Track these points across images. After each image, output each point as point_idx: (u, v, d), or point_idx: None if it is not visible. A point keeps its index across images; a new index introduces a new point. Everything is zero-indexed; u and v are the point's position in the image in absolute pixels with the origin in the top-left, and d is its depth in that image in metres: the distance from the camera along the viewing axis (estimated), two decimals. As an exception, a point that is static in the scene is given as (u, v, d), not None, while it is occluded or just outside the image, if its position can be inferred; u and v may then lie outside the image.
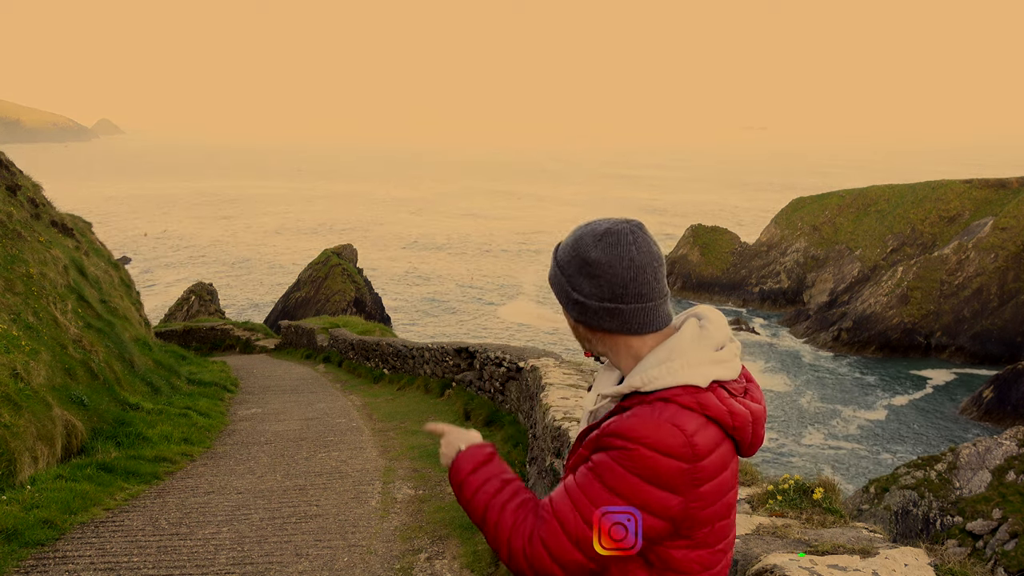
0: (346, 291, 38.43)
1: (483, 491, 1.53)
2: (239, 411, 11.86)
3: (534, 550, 1.42)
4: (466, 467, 1.58)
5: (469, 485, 1.55)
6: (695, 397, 1.43)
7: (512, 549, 1.44)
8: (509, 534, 1.45)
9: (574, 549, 1.40)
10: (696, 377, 1.45)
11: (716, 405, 1.45)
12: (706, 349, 1.50)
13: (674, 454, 1.37)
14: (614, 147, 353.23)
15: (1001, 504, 13.98)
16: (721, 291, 52.03)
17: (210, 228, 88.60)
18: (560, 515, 1.41)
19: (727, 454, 1.47)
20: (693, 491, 1.40)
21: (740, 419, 1.47)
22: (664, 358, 1.48)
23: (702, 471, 1.40)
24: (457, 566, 5.08)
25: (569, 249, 1.54)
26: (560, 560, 1.40)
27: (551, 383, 6.52)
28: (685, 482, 1.38)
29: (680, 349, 1.48)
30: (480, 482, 1.54)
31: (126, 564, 4.95)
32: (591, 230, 1.53)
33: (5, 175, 12.32)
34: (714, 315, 1.57)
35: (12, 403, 6.51)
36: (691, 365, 1.46)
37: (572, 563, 1.41)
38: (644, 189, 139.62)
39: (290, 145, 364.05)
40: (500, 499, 1.51)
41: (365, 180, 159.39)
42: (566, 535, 1.40)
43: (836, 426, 30.71)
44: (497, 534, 1.47)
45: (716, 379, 1.48)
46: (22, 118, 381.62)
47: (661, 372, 1.45)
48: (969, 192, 46.54)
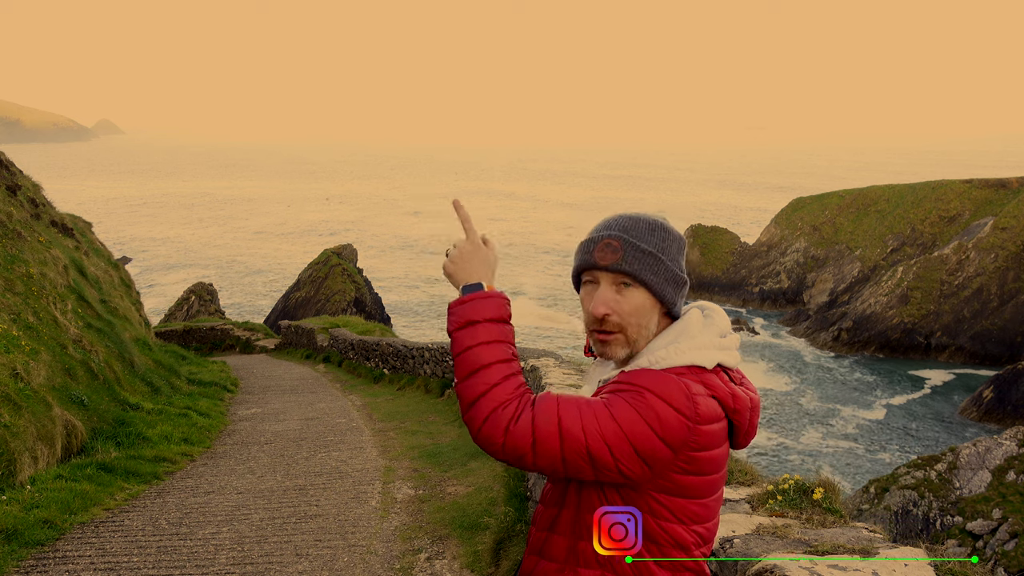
0: (346, 291, 38.41)
1: (493, 348, 1.45)
2: (239, 411, 11.86)
3: (520, 423, 1.38)
4: (488, 310, 1.48)
5: (483, 331, 1.46)
6: (699, 376, 1.49)
7: (496, 416, 1.39)
8: (501, 402, 1.40)
9: (557, 438, 1.38)
10: (702, 358, 1.50)
11: (719, 385, 1.50)
12: (711, 335, 1.55)
13: (678, 407, 1.40)
14: (614, 147, 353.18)
15: (1001, 504, 13.98)
16: (721, 291, 52.01)
17: (210, 228, 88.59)
18: (563, 407, 1.40)
19: (724, 433, 1.51)
20: (686, 451, 1.42)
21: (741, 402, 1.52)
22: (672, 339, 1.53)
23: (700, 434, 1.43)
24: (457, 566, 5.08)
25: (663, 232, 1.57)
26: (539, 440, 1.38)
27: (551, 383, 6.52)
28: (682, 438, 1.41)
29: (688, 332, 1.54)
30: (494, 336, 1.46)
31: (126, 564, 4.95)
32: (662, 217, 1.61)
33: (5, 175, 12.32)
34: (717, 308, 1.62)
35: (12, 403, 6.50)
36: (698, 348, 1.51)
37: (547, 448, 1.39)
38: (644, 189, 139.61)
39: (290, 144, 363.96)
40: (507, 368, 1.45)
41: (365, 180, 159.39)
42: (559, 423, 1.38)
43: (836, 426, 30.70)
44: (489, 395, 1.41)
45: (720, 363, 1.54)
46: (22, 118, 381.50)
47: (669, 352, 1.51)
48: (969, 192, 46.53)
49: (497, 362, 1.44)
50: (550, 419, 1.39)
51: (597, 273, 1.56)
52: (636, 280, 1.53)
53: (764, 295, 51.13)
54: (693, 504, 1.48)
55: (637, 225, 1.56)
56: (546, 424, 1.38)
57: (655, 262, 1.53)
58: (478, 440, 1.42)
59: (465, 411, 1.43)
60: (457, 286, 1.55)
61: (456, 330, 1.48)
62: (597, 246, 1.55)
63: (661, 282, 1.54)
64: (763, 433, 29.01)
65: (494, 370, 1.43)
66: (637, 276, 1.52)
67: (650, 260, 1.53)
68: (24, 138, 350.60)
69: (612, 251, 1.53)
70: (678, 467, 1.43)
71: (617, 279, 1.54)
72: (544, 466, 1.41)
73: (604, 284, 1.55)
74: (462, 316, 1.48)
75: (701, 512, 1.50)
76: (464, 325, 1.47)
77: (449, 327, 1.49)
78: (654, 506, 1.46)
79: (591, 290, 1.58)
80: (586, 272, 1.59)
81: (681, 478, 1.45)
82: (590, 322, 1.58)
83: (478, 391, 1.42)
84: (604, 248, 1.54)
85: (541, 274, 62.24)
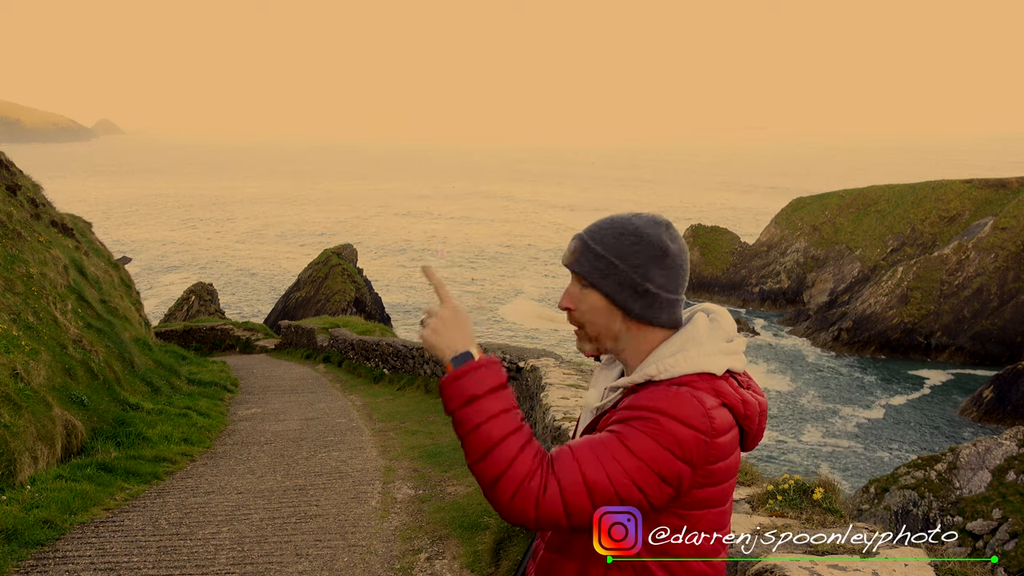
0: (346, 291, 38.41)
1: (502, 420, 1.39)
2: (239, 411, 11.86)
3: (549, 495, 1.35)
4: (487, 380, 1.41)
5: (487, 404, 1.39)
6: (710, 384, 1.47)
7: (523, 492, 1.35)
8: (525, 476, 1.35)
9: (587, 499, 1.36)
10: (711, 365, 1.48)
11: (730, 392, 1.48)
12: (719, 340, 1.53)
13: (694, 425, 1.39)
14: (613, 147, 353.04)
15: (1001, 504, 13.98)
16: (721, 291, 52.01)
17: (210, 228, 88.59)
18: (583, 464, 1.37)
19: (736, 441, 1.50)
20: (704, 466, 1.42)
21: (751, 408, 1.51)
22: (679, 347, 1.51)
23: (717, 448, 1.42)
24: (457, 566, 5.08)
25: (633, 238, 1.53)
26: (570, 506, 1.36)
27: (551, 383, 6.52)
28: (701, 455, 1.40)
29: (695, 339, 1.51)
30: (499, 407, 1.40)
31: (126, 564, 4.95)
32: (652, 221, 1.55)
33: (5, 175, 12.32)
34: (722, 311, 1.60)
35: (12, 403, 6.50)
36: (706, 354, 1.49)
37: (579, 511, 1.37)
38: (644, 189, 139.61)
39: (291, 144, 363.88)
40: (521, 437, 1.39)
41: (364, 180, 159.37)
42: (585, 484, 1.36)
43: (836, 426, 30.70)
44: (510, 472, 1.35)
45: (728, 369, 1.51)
46: (22, 118, 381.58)
47: (677, 360, 1.48)
48: (969, 192, 46.53)
49: (510, 434, 1.38)
50: (575, 480, 1.36)
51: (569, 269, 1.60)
52: (589, 281, 1.54)
53: (764, 295, 51.13)
54: (711, 513, 1.48)
55: (604, 229, 1.55)
56: (572, 486, 1.35)
57: (607, 267, 1.52)
58: (509, 517, 1.38)
59: (488, 491, 1.38)
60: (443, 359, 1.46)
61: (458, 408, 1.40)
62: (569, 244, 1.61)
63: (613, 287, 1.52)
64: (764, 433, 29.06)
65: (509, 444, 1.38)
66: (587, 278, 1.54)
67: (602, 264, 1.52)
68: (24, 138, 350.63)
69: (571, 252, 1.57)
70: (697, 482, 1.43)
71: (580, 279, 1.57)
72: (581, 524, 1.39)
73: (572, 280, 1.59)
74: (461, 392, 1.40)
75: (720, 520, 1.50)
76: (466, 403, 1.40)
77: (449, 406, 1.41)
78: (676, 523, 1.46)
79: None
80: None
81: (699, 492, 1.45)
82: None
83: (498, 470, 1.36)
84: (568, 248, 1.59)
85: (541, 274, 62.26)
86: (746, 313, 49.29)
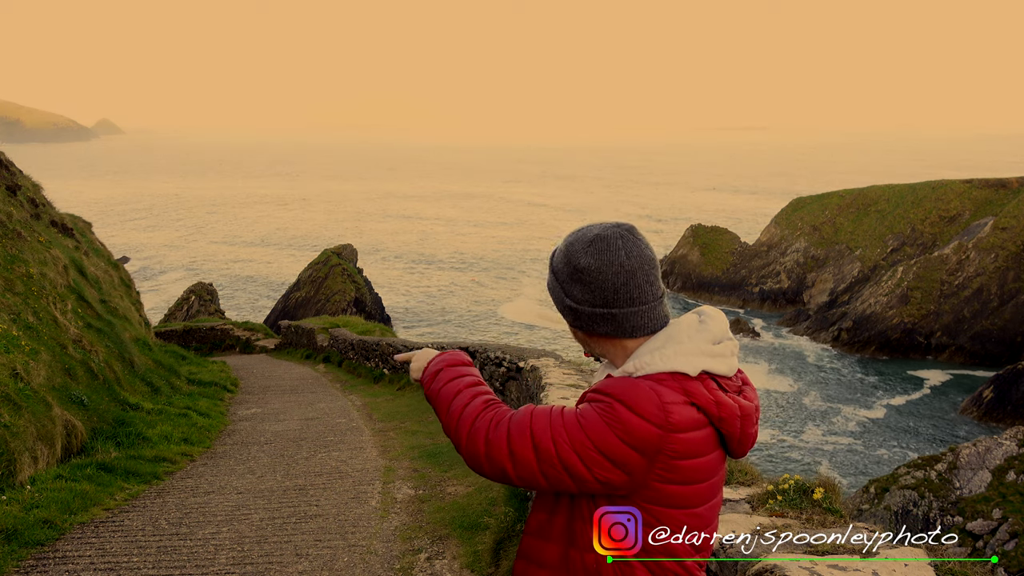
0: (346, 291, 38.42)
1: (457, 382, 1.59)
2: (239, 411, 11.86)
3: (498, 433, 1.47)
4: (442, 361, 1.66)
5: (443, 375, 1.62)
6: (681, 383, 1.46)
7: (476, 427, 1.49)
8: (476, 416, 1.51)
9: (531, 449, 1.44)
10: (685, 365, 1.47)
11: (702, 393, 1.46)
12: (702, 341, 1.52)
13: (646, 415, 1.40)
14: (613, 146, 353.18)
15: (1001, 504, 13.98)
16: (721, 291, 52.01)
17: (210, 228, 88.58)
18: (535, 419, 1.47)
19: (709, 441, 1.48)
20: (664, 459, 1.42)
21: (727, 410, 1.48)
22: (659, 345, 1.51)
23: (676, 442, 1.42)
24: (457, 566, 5.08)
25: (561, 256, 1.59)
26: (515, 452, 1.45)
27: (551, 383, 6.52)
28: (654, 446, 1.41)
29: (675, 338, 1.51)
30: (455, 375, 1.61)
31: (126, 564, 4.95)
32: (581, 236, 1.56)
33: (5, 175, 12.32)
34: (716, 313, 1.59)
35: (12, 403, 6.50)
36: (683, 353, 1.48)
37: (524, 460, 1.45)
38: (644, 189, 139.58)
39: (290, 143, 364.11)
40: (474, 391, 1.57)
41: (364, 180, 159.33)
42: (531, 435, 1.45)
43: (836, 426, 30.70)
44: (464, 414, 1.52)
45: (708, 370, 1.49)
46: (22, 118, 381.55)
47: (653, 358, 1.49)
48: (969, 192, 46.53)
49: (465, 388, 1.57)
50: (523, 431, 1.46)
51: None
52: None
53: (764, 295, 51.12)
54: (682, 514, 1.46)
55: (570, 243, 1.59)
56: (519, 435, 1.45)
57: (551, 281, 1.63)
58: (466, 456, 1.51)
59: (453, 438, 1.54)
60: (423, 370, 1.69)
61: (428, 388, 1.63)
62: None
63: (554, 300, 1.64)
64: (764, 433, 29.03)
65: (464, 395, 1.56)
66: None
67: (550, 278, 1.64)
68: (24, 138, 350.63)
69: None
70: (658, 475, 1.43)
71: None
72: (526, 477, 1.45)
73: None
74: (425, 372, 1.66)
75: (691, 523, 1.48)
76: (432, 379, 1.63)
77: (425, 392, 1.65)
78: (645, 517, 1.46)
79: None
80: None
81: (664, 487, 1.44)
82: None
83: (457, 413, 1.54)
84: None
85: (541, 274, 62.24)
86: (745, 313, 49.29)
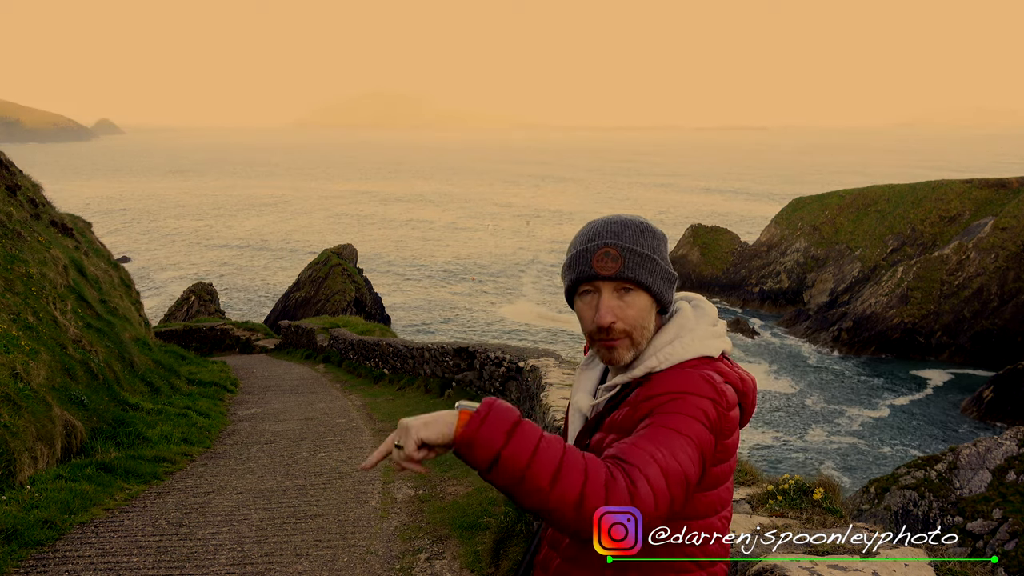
0: (346, 291, 38.41)
1: (548, 436, 1.28)
2: (239, 411, 11.86)
3: (642, 490, 1.25)
4: (508, 410, 1.28)
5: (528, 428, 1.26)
6: (710, 365, 1.51)
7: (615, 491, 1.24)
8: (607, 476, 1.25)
9: (683, 487, 1.32)
10: (708, 348, 1.54)
11: (729, 371, 1.53)
12: (706, 324, 1.58)
13: (713, 397, 1.43)
14: (613, 146, 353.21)
15: (1001, 504, 13.98)
16: (721, 291, 52.00)
17: (210, 228, 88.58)
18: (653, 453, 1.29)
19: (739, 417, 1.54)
20: (720, 440, 1.45)
21: (747, 384, 1.56)
22: (674, 335, 1.55)
23: (730, 421, 1.47)
24: (457, 566, 5.08)
25: (649, 234, 1.56)
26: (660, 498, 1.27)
27: (551, 383, 6.52)
28: (720, 426, 1.44)
29: (687, 326, 1.56)
30: (533, 442, 1.25)
31: (126, 564, 4.95)
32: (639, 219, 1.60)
33: (5, 175, 12.32)
34: (700, 297, 1.66)
35: (12, 403, 6.50)
36: (700, 339, 1.54)
37: (664, 498, 1.28)
38: (643, 189, 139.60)
39: (290, 143, 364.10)
40: (574, 453, 1.26)
41: (364, 179, 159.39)
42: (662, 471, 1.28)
43: (836, 426, 30.70)
44: (591, 479, 1.24)
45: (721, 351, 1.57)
46: (22, 118, 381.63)
47: (675, 348, 1.52)
48: (969, 192, 46.52)
49: (565, 444, 1.28)
50: (655, 471, 1.27)
51: (598, 283, 1.54)
52: (638, 285, 1.52)
53: (764, 295, 51.11)
54: (720, 491, 1.51)
55: (626, 229, 1.54)
56: (656, 477, 1.27)
57: (652, 264, 1.54)
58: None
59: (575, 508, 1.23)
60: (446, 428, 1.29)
61: (505, 444, 1.24)
62: (595, 256, 1.53)
63: (659, 283, 1.55)
64: (764, 433, 29.03)
65: (571, 451, 1.26)
66: (639, 281, 1.52)
67: (648, 263, 1.53)
68: (24, 138, 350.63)
69: (612, 260, 1.52)
70: (716, 458, 1.46)
71: (619, 285, 1.53)
72: (665, 513, 1.30)
73: (606, 292, 1.53)
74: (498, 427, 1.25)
75: (726, 496, 1.53)
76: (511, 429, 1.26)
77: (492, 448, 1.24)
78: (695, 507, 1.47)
79: (591, 300, 1.56)
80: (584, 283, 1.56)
81: (714, 469, 1.47)
82: (594, 331, 1.54)
83: (579, 480, 1.23)
84: (603, 258, 1.52)
85: (541, 274, 62.24)
86: (746, 313, 49.29)
